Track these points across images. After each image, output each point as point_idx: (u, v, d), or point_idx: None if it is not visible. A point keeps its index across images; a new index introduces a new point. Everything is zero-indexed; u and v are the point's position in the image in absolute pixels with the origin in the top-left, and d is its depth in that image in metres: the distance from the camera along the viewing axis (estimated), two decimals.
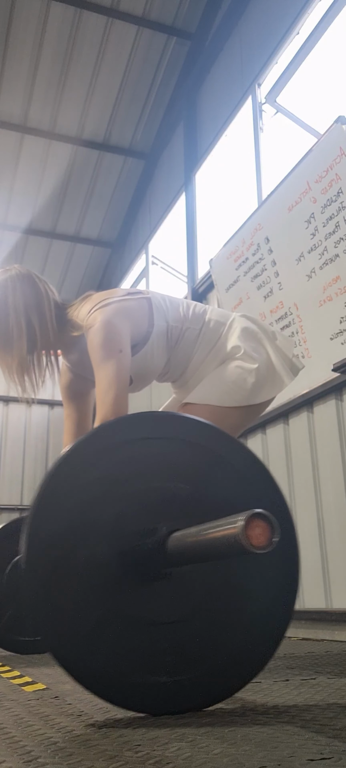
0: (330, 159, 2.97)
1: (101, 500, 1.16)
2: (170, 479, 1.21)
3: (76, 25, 5.05)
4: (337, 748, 0.81)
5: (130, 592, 1.12)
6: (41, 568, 1.07)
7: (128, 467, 1.20)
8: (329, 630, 2.83)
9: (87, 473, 1.16)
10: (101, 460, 1.18)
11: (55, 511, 1.11)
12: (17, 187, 6.21)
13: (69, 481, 1.15)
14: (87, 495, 1.15)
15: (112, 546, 1.13)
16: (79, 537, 1.12)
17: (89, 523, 1.14)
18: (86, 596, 1.09)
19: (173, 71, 5.49)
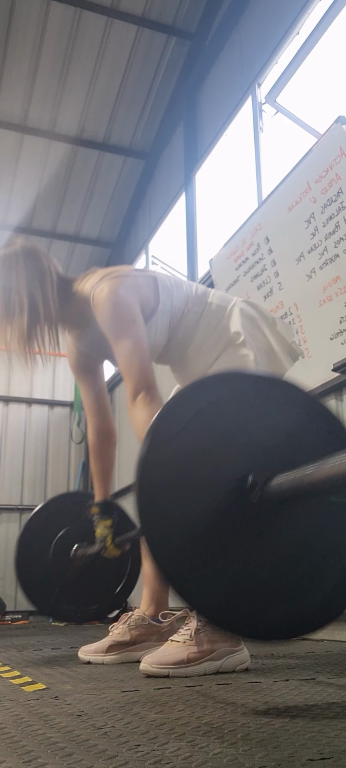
0: (330, 159, 2.97)
1: (200, 453, 1.23)
2: (260, 433, 1.29)
3: (76, 25, 5.05)
4: (337, 748, 0.81)
5: (235, 534, 1.21)
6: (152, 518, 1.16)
7: (221, 423, 1.27)
8: (329, 630, 2.83)
9: (185, 432, 1.23)
10: (193, 421, 1.25)
11: (159, 465, 1.19)
12: (17, 187, 6.21)
13: (169, 439, 1.22)
14: (186, 449, 1.22)
15: (215, 493, 1.21)
16: (181, 488, 1.20)
17: (190, 474, 1.21)
18: (193, 539, 1.18)
19: (173, 71, 5.50)
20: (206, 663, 1.60)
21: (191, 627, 1.64)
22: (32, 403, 7.04)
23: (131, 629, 1.96)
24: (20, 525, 6.64)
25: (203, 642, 1.61)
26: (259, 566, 1.22)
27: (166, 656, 1.57)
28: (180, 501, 1.19)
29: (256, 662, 1.86)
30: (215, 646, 1.63)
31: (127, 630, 1.96)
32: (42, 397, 7.11)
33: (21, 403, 7.02)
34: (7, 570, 6.47)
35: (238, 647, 1.69)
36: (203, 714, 1.08)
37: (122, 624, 1.98)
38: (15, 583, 6.47)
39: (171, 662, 1.56)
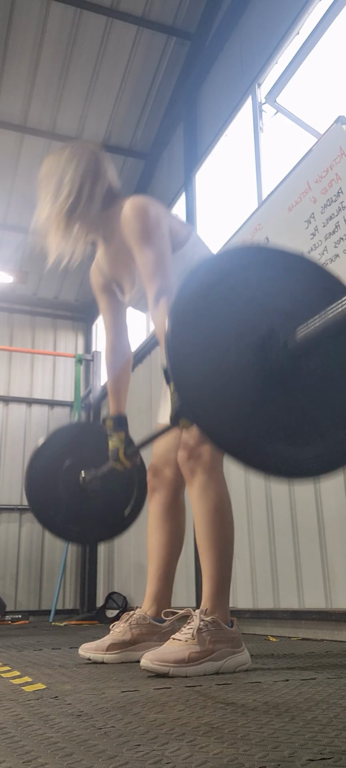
0: (330, 159, 2.97)
1: (227, 314, 1.36)
2: (277, 296, 1.42)
3: (76, 25, 5.05)
4: (337, 749, 0.81)
5: (264, 386, 1.34)
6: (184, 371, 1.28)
7: (242, 288, 1.40)
8: (329, 630, 2.83)
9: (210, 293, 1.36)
10: (217, 286, 1.38)
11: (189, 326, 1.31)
12: (17, 187, 6.21)
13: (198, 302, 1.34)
14: (215, 309, 1.35)
15: (243, 347, 1.34)
16: (212, 345, 1.31)
17: (219, 332, 1.33)
18: (226, 388, 1.30)
19: (173, 71, 5.50)
20: (206, 663, 1.59)
21: (193, 626, 1.64)
22: (32, 403, 7.04)
23: (132, 628, 1.96)
24: (20, 525, 6.65)
25: (205, 642, 1.61)
26: (285, 411, 1.35)
27: (167, 654, 1.57)
28: (210, 355, 1.30)
29: (256, 662, 1.86)
30: (216, 646, 1.62)
31: (128, 629, 1.96)
32: (42, 397, 7.11)
33: (21, 403, 7.02)
34: (7, 570, 6.47)
35: (239, 648, 1.69)
36: (203, 714, 1.08)
37: (123, 623, 1.98)
38: (15, 583, 6.48)
39: (172, 660, 1.56)
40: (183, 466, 1.85)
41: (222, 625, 1.67)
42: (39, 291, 7.30)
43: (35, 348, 7.26)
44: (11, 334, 7.25)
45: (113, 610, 5.45)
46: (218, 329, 1.34)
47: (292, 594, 3.13)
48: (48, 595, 6.49)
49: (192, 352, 1.30)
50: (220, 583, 1.73)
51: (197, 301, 1.34)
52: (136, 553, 5.46)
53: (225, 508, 1.80)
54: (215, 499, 1.78)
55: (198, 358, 1.30)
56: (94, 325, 7.60)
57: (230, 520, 1.81)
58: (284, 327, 1.35)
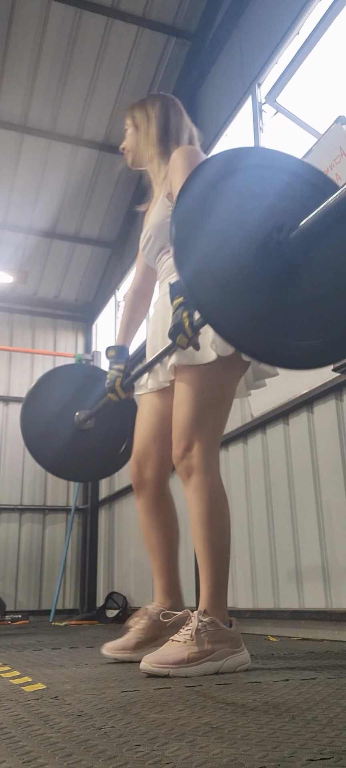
0: (330, 159, 2.97)
1: (239, 207, 1.43)
2: (286, 197, 1.51)
3: (76, 25, 5.05)
4: (338, 749, 0.81)
5: (273, 278, 1.40)
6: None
7: (254, 185, 1.49)
8: (329, 630, 2.83)
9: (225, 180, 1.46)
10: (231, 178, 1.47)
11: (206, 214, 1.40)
12: (17, 187, 6.21)
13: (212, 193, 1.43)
14: (227, 201, 1.43)
15: (252, 240, 1.41)
16: (226, 234, 1.39)
17: (233, 223, 1.41)
18: (240, 283, 1.38)
19: (173, 71, 5.49)
20: (206, 663, 1.59)
21: (191, 627, 1.64)
22: None
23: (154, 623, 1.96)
24: (20, 525, 6.65)
25: (204, 642, 1.61)
26: (291, 303, 1.43)
27: (167, 656, 1.57)
28: (215, 240, 1.38)
29: (256, 662, 1.86)
30: (215, 646, 1.62)
31: (151, 624, 1.96)
32: None
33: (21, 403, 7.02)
34: (7, 570, 6.47)
35: (238, 648, 1.69)
36: (203, 714, 1.08)
37: (145, 618, 1.98)
38: (15, 583, 6.48)
39: (171, 662, 1.56)
40: (178, 466, 1.83)
41: (221, 625, 1.67)
42: (39, 291, 7.29)
43: (35, 348, 7.26)
44: (11, 334, 7.25)
45: (113, 610, 5.45)
46: (226, 217, 1.40)
47: (292, 594, 3.13)
48: (48, 595, 6.49)
49: (198, 235, 1.36)
50: (217, 583, 1.73)
51: (207, 189, 1.41)
52: (136, 553, 5.46)
53: (221, 508, 1.78)
54: (211, 499, 1.76)
55: (203, 242, 1.37)
56: (94, 325, 7.60)
57: (227, 520, 1.80)
58: (288, 224, 1.41)
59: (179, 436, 1.81)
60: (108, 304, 7.09)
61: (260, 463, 3.50)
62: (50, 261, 7.01)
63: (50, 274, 7.16)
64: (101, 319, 7.44)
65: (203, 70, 5.01)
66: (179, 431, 1.81)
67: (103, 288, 7.27)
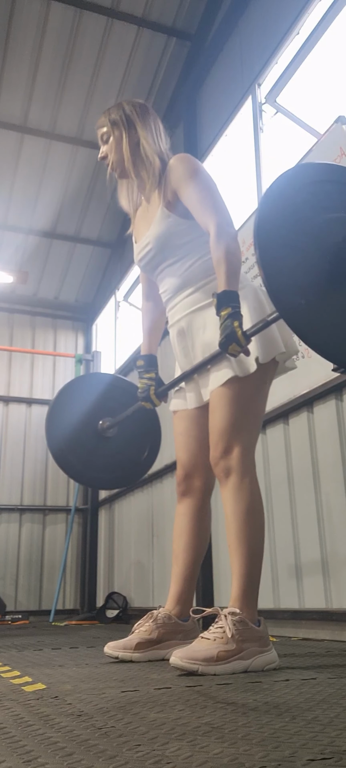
0: (330, 159, 2.97)
1: (310, 217, 1.52)
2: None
3: (76, 25, 5.05)
4: (338, 748, 0.81)
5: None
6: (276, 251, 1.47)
7: (325, 200, 1.56)
8: (329, 630, 2.83)
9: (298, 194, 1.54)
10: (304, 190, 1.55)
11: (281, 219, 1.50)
12: (17, 187, 6.21)
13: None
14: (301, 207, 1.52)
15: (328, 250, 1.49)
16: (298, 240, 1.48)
17: (302, 229, 1.50)
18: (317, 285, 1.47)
19: (173, 72, 5.49)
20: (235, 662, 1.60)
21: (221, 625, 1.65)
22: (32, 403, 7.04)
23: (158, 627, 1.97)
24: (20, 525, 6.64)
25: (233, 641, 1.62)
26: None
27: (197, 652, 1.59)
28: (294, 247, 1.46)
29: None
30: (244, 645, 1.64)
31: (154, 627, 1.97)
32: (42, 397, 7.10)
33: (21, 403, 7.02)
34: (7, 570, 6.47)
35: (267, 647, 1.70)
36: (203, 714, 1.08)
37: (149, 621, 1.99)
38: (15, 583, 6.47)
39: (201, 658, 1.57)
40: (216, 468, 1.87)
41: (250, 624, 1.68)
42: (39, 291, 7.29)
43: (35, 348, 7.26)
44: (11, 334, 7.25)
45: (113, 610, 5.45)
46: (302, 228, 1.48)
47: (292, 594, 3.13)
48: (48, 595, 6.49)
49: (279, 243, 1.45)
50: (249, 582, 1.75)
51: (286, 199, 1.50)
52: (136, 553, 5.45)
53: (257, 509, 1.83)
54: (248, 500, 1.80)
55: (284, 249, 1.45)
56: (94, 325, 7.60)
57: (262, 522, 1.84)
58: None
59: (217, 439, 1.86)
60: (108, 305, 7.09)
61: (260, 464, 3.50)
62: (50, 261, 7.01)
63: (50, 274, 7.16)
64: (101, 320, 7.44)
65: (202, 70, 5.01)
66: (217, 434, 1.86)
67: (103, 288, 7.27)
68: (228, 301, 1.75)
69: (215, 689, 1.35)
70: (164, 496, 4.87)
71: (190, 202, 1.94)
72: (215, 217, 1.88)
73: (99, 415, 2.54)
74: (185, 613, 2.03)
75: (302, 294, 1.45)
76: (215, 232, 1.86)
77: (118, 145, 2.07)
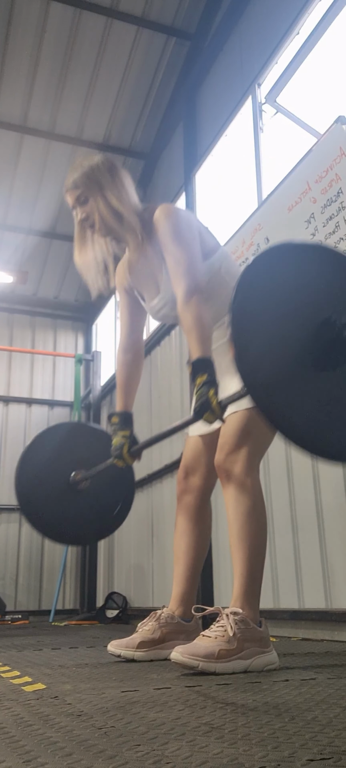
0: (330, 159, 2.97)
1: (288, 300, 1.47)
2: (328, 289, 1.54)
3: (75, 25, 5.05)
4: (337, 749, 0.81)
5: (321, 371, 1.44)
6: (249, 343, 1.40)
7: (302, 277, 1.52)
8: (329, 630, 2.83)
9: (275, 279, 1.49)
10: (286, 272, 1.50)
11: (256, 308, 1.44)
12: (17, 187, 6.21)
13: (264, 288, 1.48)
14: (280, 296, 1.47)
15: (306, 329, 1.45)
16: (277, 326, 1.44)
17: (279, 313, 1.45)
18: (287, 366, 1.42)
19: (172, 71, 5.49)
20: (235, 661, 1.61)
21: (222, 624, 1.66)
22: (32, 403, 7.04)
23: (161, 627, 1.98)
24: (20, 525, 6.64)
25: (234, 640, 1.62)
26: (337, 395, 1.46)
27: (198, 649, 1.59)
28: (270, 333, 1.42)
29: None
30: (245, 645, 1.64)
31: (157, 627, 1.98)
32: (42, 397, 7.11)
33: (21, 403, 7.02)
34: (7, 570, 6.47)
35: (267, 648, 1.71)
36: (203, 714, 1.08)
37: (152, 621, 2.00)
38: (15, 583, 6.47)
39: (202, 655, 1.57)
40: (219, 469, 1.89)
41: (251, 624, 1.69)
42: (39, 291, 7.30)
43: (35, 348, 7.26)
44: (11, 334, 7.25)
45: (113, 610, 5.45)
46: (279, 311, 1.44)
47: (292, 594, 3.13)
48: (48, 595, 6.49)
49: (254, 328, 1.41)
50: (250, 583, 1.76)
51: (263, 283, 1.45)
52: (136, 554, 5.46)
53: (259, 511, 1.84)
54: (250, 502, 1.81)
55: (259, 334, 1.41)
56: (94, 325, 7.60)
57: (264, 523, 1.85)
58: (337, 317, 1.45)
59: (225, 441, 1.88)
60: (108, 305, 7.09)
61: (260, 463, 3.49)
62: (50, 261, 7.01)
63: (50, 274, 7.16)
64: (101, 320, 7.44)
65: (202, 70, 5.01)
66: (226, 437, 1.88)
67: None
68: (204, 368, 1.74)
69: (214, 689, 1.36)
70: (164, 496, 4.87)
71: (167, 262, 1.94)
72: (184, 283, 1.86)
73: (71, 466, 2.46)
74: (187, 613, 2.03)
75: (274, 375, 1.41)
76: (182, 300, 1.85)
77: (99, 204, 2.04)
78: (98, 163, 2.08)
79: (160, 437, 2.03)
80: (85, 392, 7.22)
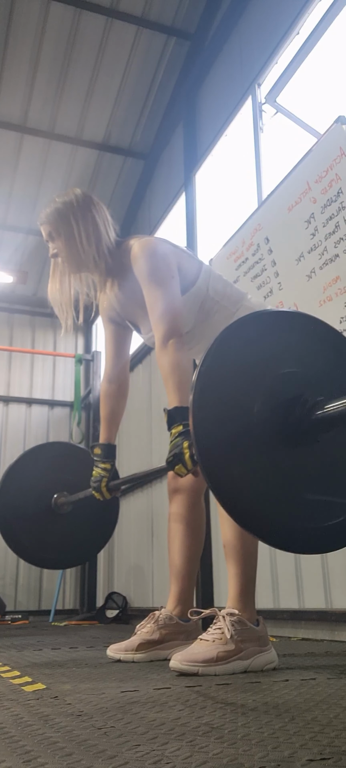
0: (330, 159, 2.97)
1: (253, 377, 1.40)
2: (303, 363, 1.47)
3: (75, 25, 5.05)
4: (337, 749, 0.81)
5: (282, 449, 1.36)
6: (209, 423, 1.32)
7: (270, 352, 1.45)
8: (329, 630, 2.83)
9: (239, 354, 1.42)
10: (246, 348, 1.43)
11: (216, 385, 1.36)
12: (17, 187, 6.21)
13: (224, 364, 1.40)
14: (240, 373, 1.40)
15: (266, 408, 1.37)
16: (237, 404, 1.36)
17: (244, 393, 1.38)
18: (247, 449, 1.34)
19: (172, 71, 5.49)
20: (234, 662, 1.61)
21: (220, 626, 1.65)
22: (32, 403, 7.04)
23: (160, 628, 1.98)
24: None
25: (232, 641, 1.62)
26: (293, 479, 1.38)
27: (196, 654, 1.59)
28: (231, 415, 1.35)
29: None
30: (243, 645, 1.64)
31: (156, 628, 1.98)
32: (42, 397, 7.11)
33: (21, 403, 7.02)
34: (7, 570, 6.47)
35: (266, 647, 1.71)
36: (203, 714, 1.08)
37: (151, 623, 2.00)
38: (15, 583, 6.47)
39: (201, 660, 1.57)
40: None
41: (248, 624, 1.69)
42: (39, 291, 7.29)
43: (35, 348, 7.26)
44: (11, 334, 7.25)
45: (113, 610, 5.45)
46: (243, 392, 1.37)
47: (292, 594, 3.13)
48: (48, 595, 6.48)
49: (214, 416, 1.32)
50: (245, 582, 1.76)
51: (223, 365, 1.37)
52: (136, 554, 5.46)
53: None
54: None
55: (220, 421, 1.33)
56: (94, 325, 7.60)
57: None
58: (310, 395, 1.38)
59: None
60: None
61: None
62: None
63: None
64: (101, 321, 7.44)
65: (202, 70, 5.01)
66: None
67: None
68: (180, 418, 1.73)
69: (214, 689, 1.36)
70: (164, 496, 4.85)
71: (146, 300, 1.93)
72: (160, 327, 1.85)
73: (54, 488, 2.44)
74: (186, 613, 2.03)
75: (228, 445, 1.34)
76: (158, 345, 1.85)
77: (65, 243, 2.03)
78: (72, 200, 2.04)
79: (136, 479, 2.08)
80: (85, 392, 7.22)
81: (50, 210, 2.06)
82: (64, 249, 2.02)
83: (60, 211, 2.03)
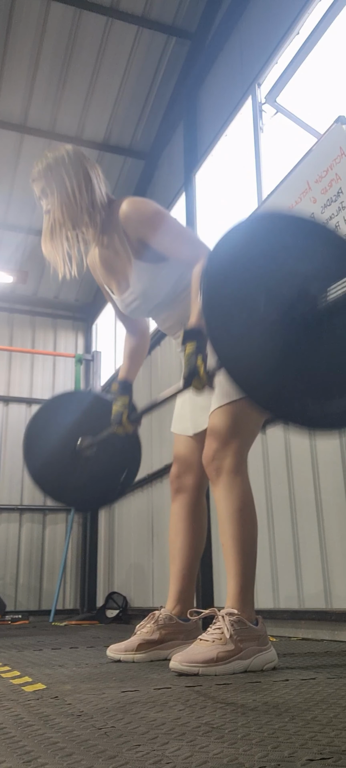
0: (330, 159, 2.97)
1: (258, 274, 1.47)
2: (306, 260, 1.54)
3: (75, 25, 5.05)
4: (337, 749, 0.81)
5: (294, 335, 1.44)
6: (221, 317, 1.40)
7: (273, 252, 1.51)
8: (329, 630, 2.83)
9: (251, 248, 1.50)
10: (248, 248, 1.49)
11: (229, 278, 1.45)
12: (17, 186, 6.21)
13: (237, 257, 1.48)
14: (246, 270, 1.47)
15: (273, 304, 1.44)
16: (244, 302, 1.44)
17: (250, 290, 1.45)
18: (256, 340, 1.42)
19: (172, 71, 5.49)
20: (235, 662, 1.61)
21: (219, 626, 1.66)
22: (32, 403, 7.04)
23: (160, 628, 1.98)
24: (20, 525, 6.64)
25: (232, 641, 1.62)
26: (312, 367, 1.46)
27: (196, 655, 1.59)
28: (241, 310, 1.42)
29: None
30: (243, 645, 1.64)
31: (155, 628, 1.98)
32: (42, 397, 7.10)
33: (21, 403, 7.02)
34: (7, 570, 6.47)
35: (265, 646, 1.71)
36: (203, 714, 1.08)
37: (151, 623, 2.00)
38: (15, 583, 6.48)
39: (201, 660, 1.57)
40: (208, 467, 1.88)
41: (247, 624, 1.69)
42: (39, 291, 7.30)
43: (35, 348, 7.26)
44: (11, 334, 7.25)
45: (113, 610, 5.45)
46: (250, 288, 1.44)
47: (292, 594, 3.13)
48: (48, 595, 6.49)
49: (225, 307, 1.41)
50: (244, 582, 1.76)
51: (230, 263, 1.45)
52: (136, 554, 5.46)
53: (249, 508, 1.83)
54: (240, 499, 1.81)
55: (230, 313, 1.41)
56: (94, 325, 7.60)
57: (254, 520, 1.85)
58: (313, 288, 1.45)
59: (213, 438, 1.87)
60: (108, 305, 7.09)
61: (260, 464, 3.50)
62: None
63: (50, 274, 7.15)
64: (101, 320, 7.44)
65: (202, 70, 5.01)
66: (213, 434, 1.87)
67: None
68: (194, 336, 1.75)
69: (214, 689, 1.36)
70: (164, 495, 4.87)
71: (163, 245, 1.92)
72: (190, 249, 1.90)
73: (79, 432, 2.48)
74: (186, 612, 2.03)
75: (247, 348, 1.41)
76: (200, 265, 1.84)
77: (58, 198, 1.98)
78: (63, 155, 2.01)
79: (155, 404, 2.07)
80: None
81: (42, 166, 2.01)
82: (58, 204, 1.98)
83: (52, 166, 1.99)
